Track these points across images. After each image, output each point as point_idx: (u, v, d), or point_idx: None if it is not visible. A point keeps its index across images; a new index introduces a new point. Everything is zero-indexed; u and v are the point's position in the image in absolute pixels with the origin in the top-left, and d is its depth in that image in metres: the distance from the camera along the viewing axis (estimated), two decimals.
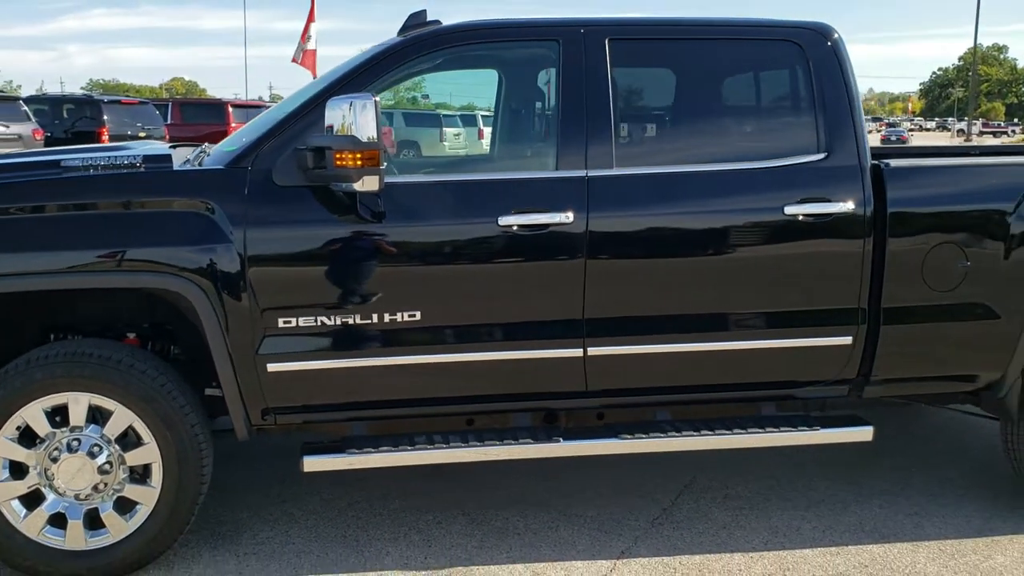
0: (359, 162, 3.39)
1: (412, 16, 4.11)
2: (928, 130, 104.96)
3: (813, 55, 4.03)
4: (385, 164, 3.48)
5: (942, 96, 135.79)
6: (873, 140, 63.53)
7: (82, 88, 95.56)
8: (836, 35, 4.10)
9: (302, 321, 3.66)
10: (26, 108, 18.00)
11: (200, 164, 3.95)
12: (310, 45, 22.46)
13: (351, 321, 3.69)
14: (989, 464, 4.98)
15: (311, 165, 3.53)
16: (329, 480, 4.64)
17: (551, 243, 3.77)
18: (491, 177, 4.05)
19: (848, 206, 3.89)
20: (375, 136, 3.39)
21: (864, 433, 4.12)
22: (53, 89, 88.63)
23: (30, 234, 3.55)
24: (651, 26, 4.13)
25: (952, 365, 4.17)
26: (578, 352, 3.86)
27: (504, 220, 3.72)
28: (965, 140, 59.47)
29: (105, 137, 18.84)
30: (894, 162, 4.07)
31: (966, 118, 79.35)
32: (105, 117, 19.51)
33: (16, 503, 3.63)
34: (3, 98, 18.69)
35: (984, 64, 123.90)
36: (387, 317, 3.71)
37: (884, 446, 5.28)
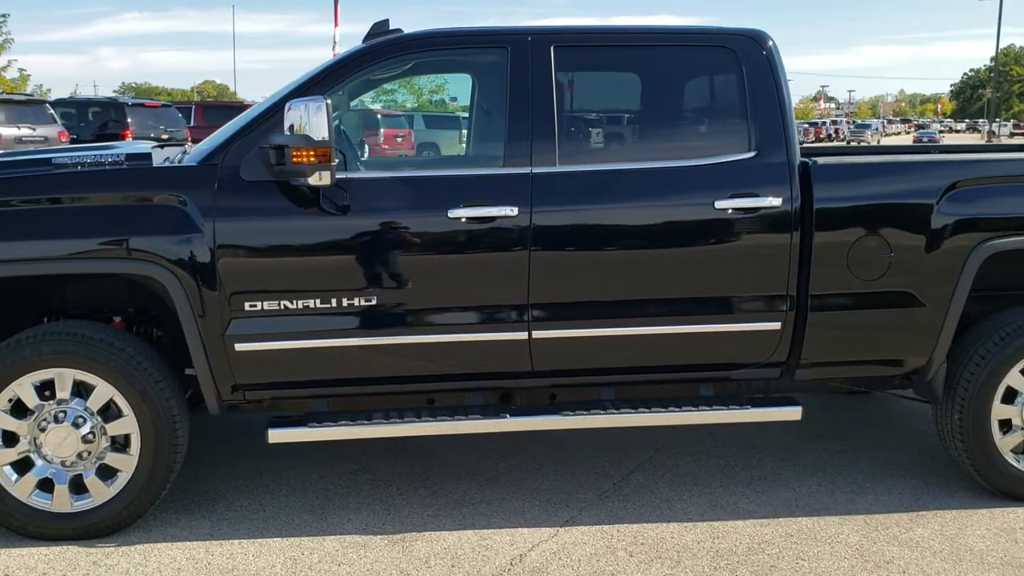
0: (312, 159, 3.74)
1: (376, 25, 4.46)
2: (958, 131, 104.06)
3: (747, 60, 4.32)
4: (337, 160, 3.83)
5: (974, 97, 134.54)
6: (905, 141, 63.39)
7: (114, 91, 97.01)
8: (770, 42, 4.39)
9: (266, 305, 4.00)
10: (52, 111, 18.55)
11: (180, 162, 4.31)
12: (337, 49, 22.96)
13: (311, 305, 4.03)
14: (933, 448, 5.23)
15: (273, 162, 3.88)
16: (305, 457, 5.00)
17: (497, 234, 4.10)
18: (443, 173, 4.39)
19: (775, 201, 4.19)
20: (327, 136, 3.74)
21: (793, 412, 4.41)
22: (87, 92, 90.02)
23: (20, 225, 3.92)
24: (594, 33, 4.45)
25: (879, 350, 4.45)
26: (523, 335, 4.18)
27: (454, 213, 4.05)
28: (987, 141, 59.03)
29: (129, 139, 19.34)
30: (822, 160, 4.36)
31: (998, 119, 78.80)
32: (129, 120, 20.03)
33: (8, 468, 4.01)
34: (31, 102, 19.22)
35: (1017, 65, 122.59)
36: (345, 301, 4.05)
37: (837, 431, 5.58)
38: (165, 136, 19.77)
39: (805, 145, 5.27)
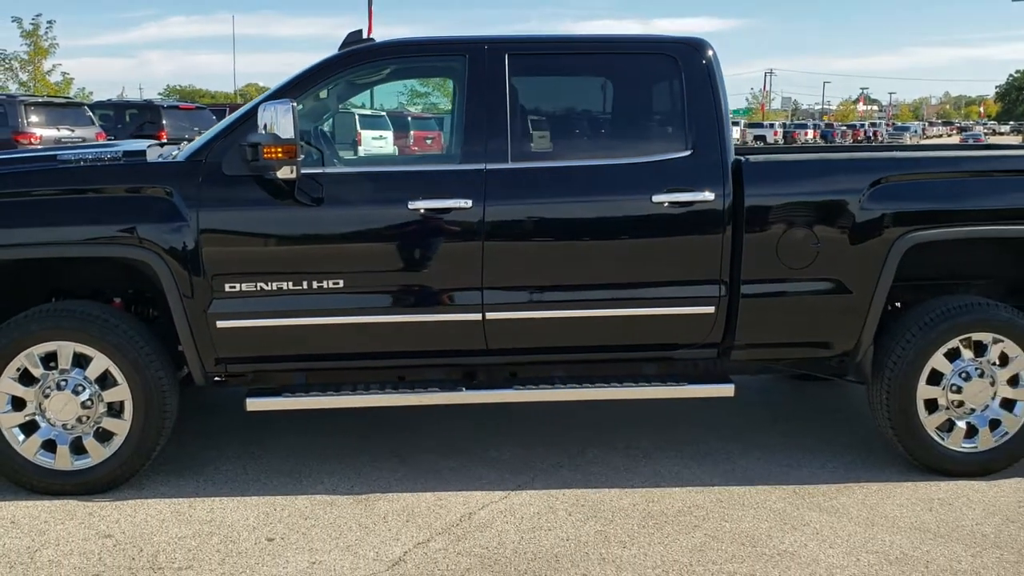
0: (280, 154, 4.21)
1: (350, 35, 4.91)
2: (1002, 134, 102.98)
3: (686, 67, 4.71)
4: (303, 156, 4.30)
5: (1019, 99, 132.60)
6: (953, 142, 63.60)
7: (159, 93, 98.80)
8: (710, 51, 4.77)
9: (244, 286, 4.47)
10: (90, 113, 19.33)
11: (173, 158, 4.78)
12: None
13: (284, 286, 4.49)
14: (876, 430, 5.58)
15: (249, 158, 4.34)
16: (291, 430, 5.48)
17: (453, 225, 4.53)
18: (406, 168, 4.85)
19: (709, 195, 4.58)
20: (293, 134, 4.20)
21: (726, 389, 4.80)
22: (133, 95, 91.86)
23: (25, 213, 4.42)
24: (546, 42, 4.87)
25: (809, 333, 4.82)
26: (478, 316, 4.61)
27: (413, 204, 4.49)
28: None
29: (164, 140, 20.01)
30: (753, 158, 4.74)
31: None
32: (164, 121, 20.76)
33: (16, 430, 4.51)
34: (70, 104, 20.07)
35: None
36: (315, 284, 4.50)
37: (790, 414, 5.97)
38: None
39: (758, 145, 5.61)
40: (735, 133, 57.14)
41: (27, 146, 16.05)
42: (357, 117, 20.74)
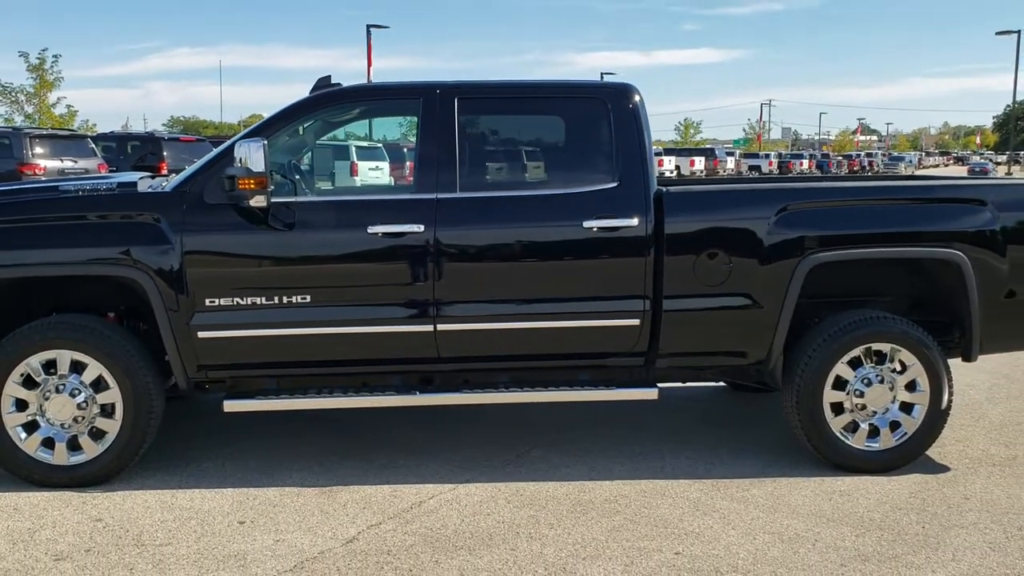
0: (252, 185, 4.83)
1: (319, 80, 5.55)
2: (998, 163, 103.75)
3: (615, 109, 5.34)
4: (272, 188, 4.93)
5: (1016, 129, 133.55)
6: (949, 172, 64.57)
7: (163, 124, 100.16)
8: (636, 96, 5.41)
9: (222, 301, 5.08)
10: (93, 145, 20.04)
11: (162, 189, 5.41)
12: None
13: (258, 301, 5.09)
14: None
15: (227, 188, 4.96)
16: (268, 433, 6.07)
17: (407, 247, 5.14)
18: (367, 197, 5.48)
19: (633, 221, 5.19)
20: (263, 168, 4.83)
21: (650, 393, 5.39)
22: (137, 126, 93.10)
23: (34, 238, 5.04)
24: (490, 87, 5.50)
25: (724, 343, 5.41)
26: (430, 328, 5.21)
27: (372, 229, 5.11)
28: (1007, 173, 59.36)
29: (164, 171, 20.71)
30: (673, 188, 5.36)
31: None
32: (165, 153, 21.48)
33: (19, 429, 5.10)
34: (73, 136, 20.78)
35: None
36: (285, 299, 5.11)
37: (731, 419, 6.54)
38: None
39: (680, 176, 6.21)
40: (730, 163, 58.51)
41: (31, 177, 16.73)
42: (354, 148, 21.50)
